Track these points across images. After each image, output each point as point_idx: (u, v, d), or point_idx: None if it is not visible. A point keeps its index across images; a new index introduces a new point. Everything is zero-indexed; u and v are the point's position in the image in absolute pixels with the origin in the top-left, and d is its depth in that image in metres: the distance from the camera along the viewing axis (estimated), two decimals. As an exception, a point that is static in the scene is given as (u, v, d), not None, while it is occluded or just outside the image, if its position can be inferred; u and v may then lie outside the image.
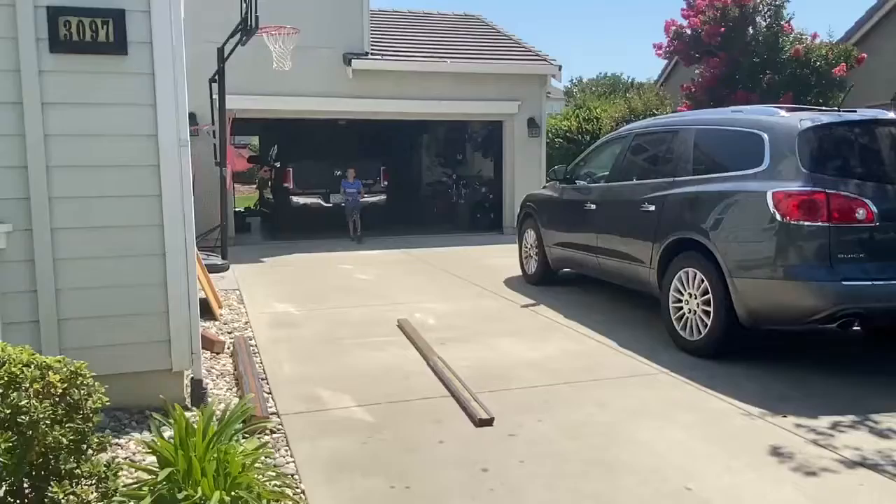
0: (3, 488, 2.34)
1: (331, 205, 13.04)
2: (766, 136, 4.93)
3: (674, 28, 12.87)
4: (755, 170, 4.89)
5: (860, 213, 4.45)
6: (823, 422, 3.83)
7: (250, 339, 5.59)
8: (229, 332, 5.83)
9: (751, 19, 12.35)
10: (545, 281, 7.85)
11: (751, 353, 5.03)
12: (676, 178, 5.64)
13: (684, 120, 6.17)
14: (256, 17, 8.13)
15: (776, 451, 3.46)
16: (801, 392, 4.34)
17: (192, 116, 10.31)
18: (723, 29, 12.15)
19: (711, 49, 12.52)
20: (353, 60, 11.97)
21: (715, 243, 4.96)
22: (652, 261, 5.68)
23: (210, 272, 7.16)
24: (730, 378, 4.56)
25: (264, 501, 2.62)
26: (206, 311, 6.09)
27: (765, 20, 12.46)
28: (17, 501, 2.34)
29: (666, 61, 18.31)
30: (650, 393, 4.35)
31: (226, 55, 9.21)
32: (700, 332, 5.09)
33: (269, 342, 5.54)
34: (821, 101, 11.38)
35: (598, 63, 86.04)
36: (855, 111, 5.11)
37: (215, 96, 9.60)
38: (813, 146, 4.71)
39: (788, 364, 4.90)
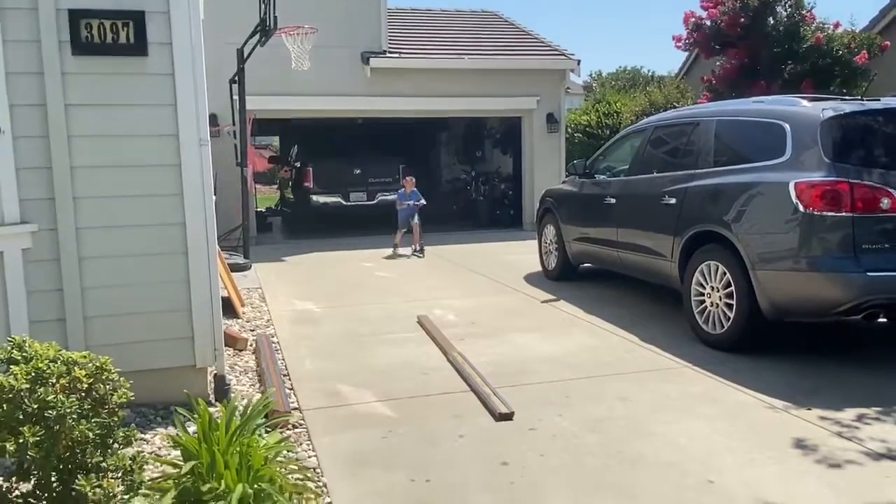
0: (32, 482, 2.39)
1: (351, 203, 13.15)
2: (787, 127, 4.87)
3: (693, 20, 12.71)
4: (777, 160, 4.83)
5: (884, 203, 4.38)
6: (848, 414, 3.79)
7: (272, 337, 5.64)
8: (252, 330, 5.89)
9: (771, 9, 12.16)
10: (565, 276, 7.82)
11: (774, 346, 4.98)
12: (697, 171, 5.59)
13: (704, 111, 6.11)
14: (275, 18, 8.18)
15: (800, 444, 3.43)
16: (826, 385, 4.28)
17: (213, 117, 10.40)
18: (743, 19, 11.97)
19: (731, 40, 12.36)
20: (370, 59, 12.00)
21: (737, 235, 4.91)
22: (673, 254, 5.64)
23: (232, 271, 7.24)
24: (753, 371, 4.52)
25: (286, 494, 2.65)
26: (229, 310, 6.15)
27: (785, 10, 12.26)
28: (45, 494, 2.39)
29: (686, 54, 18.07)
30: (672, 387, 4.32)
31: (245, 56, 9.29)
32: (723, 326, 5.04)
33: (290, 339, 5.59)
34: (843, 90, 11.18)
35: (618, 57, 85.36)
36: (879, 100, 5.03)
37: (235, 97, 9.69)
38: (835, 135, 4.64)
39: (813, 357, 4.84)
